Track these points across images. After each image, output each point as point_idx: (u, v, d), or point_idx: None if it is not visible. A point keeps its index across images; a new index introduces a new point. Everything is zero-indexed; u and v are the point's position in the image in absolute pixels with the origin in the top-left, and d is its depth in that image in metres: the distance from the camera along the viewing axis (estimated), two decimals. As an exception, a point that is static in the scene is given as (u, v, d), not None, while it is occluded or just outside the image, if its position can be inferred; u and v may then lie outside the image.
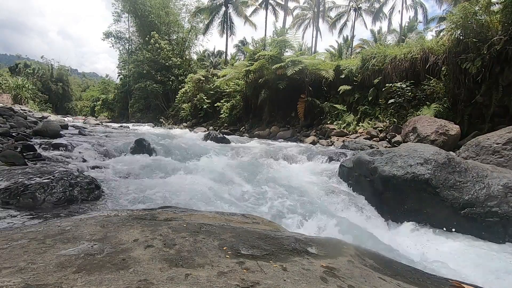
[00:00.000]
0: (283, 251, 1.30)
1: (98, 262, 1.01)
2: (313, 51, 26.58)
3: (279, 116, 14.73)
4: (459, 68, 7.98)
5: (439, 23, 23.42)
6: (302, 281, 0.99)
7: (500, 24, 7.33)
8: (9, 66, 42.68)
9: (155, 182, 3.33)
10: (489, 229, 2.65)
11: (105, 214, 1.75)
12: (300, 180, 4.16)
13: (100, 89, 45.66)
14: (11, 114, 9.25)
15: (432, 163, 3.09)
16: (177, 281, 0.91)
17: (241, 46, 33.85)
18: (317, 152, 6.07)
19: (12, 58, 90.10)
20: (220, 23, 27.53)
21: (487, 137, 4.58)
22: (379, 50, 11.61)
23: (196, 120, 20.53)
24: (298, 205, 3.11)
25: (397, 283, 1.15)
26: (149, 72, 26.02)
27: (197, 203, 2.81)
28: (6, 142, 4.50)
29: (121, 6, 29.45)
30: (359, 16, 29.92)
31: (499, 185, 2.79)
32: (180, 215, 1.83)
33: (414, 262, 2.01)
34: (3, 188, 2.24)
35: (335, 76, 12.53)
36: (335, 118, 12.11)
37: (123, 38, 32.11)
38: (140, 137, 5.60)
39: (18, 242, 1.19)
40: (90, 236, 1.28)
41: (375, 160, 3.55)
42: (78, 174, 2.74)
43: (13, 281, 0.84)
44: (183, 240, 1.29)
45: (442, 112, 8.32)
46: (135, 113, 29.10)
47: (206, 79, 20.96)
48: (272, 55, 13.75)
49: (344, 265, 1.22)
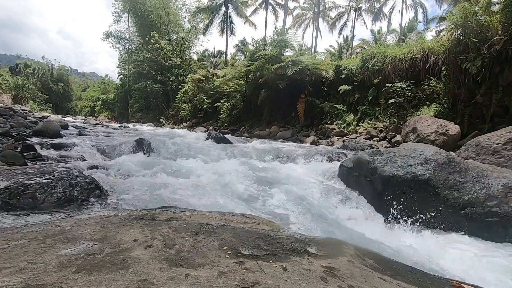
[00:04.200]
0: (283, 251, 1.30)
1: (98, 262, 1.01)
2: (313, 51, 26.57)
3: (279, 116, 14.72)
4: (459, 68, 7.98)
5: (439, 23, 23.44)
6: (302, 281, 0.99)
7: (500, 24, 7.33)
8: (9, 66, 42.73)
9: (155, 182, 3.33)
10: (489, 229, 2.65)
11: (105, 214, 1.75)
12: (300, 180, 4.16)
13: (100, 89, 45.71)
14: (11, 114, 9.26)
15: (432, 163, 3.09)
16: (177, 281, 0.91)
17: (241, 46, 33.86)
18: (317, 152, 6.07)
19: (12, 58, 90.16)
20: (220, 23, 27.54)
21: (487, 137, 4.58)
22: (379, 50, 11.60)
23: (196, 120, 20.53)
24: (298, 205, 3.11)
25: (397, 283, 1.15)
26: (149, 72, 26.04)
27: (197, 203, 2.81)
28: (6, 142, 4.50)
29: (121, 6, 29.48)
30: (359, 16, 29.93)
31: (499, 185, 2.79)
32: (180, 215, 1.83)
33: (414, 262, 2.01)
34: (3, 188, 2.24)
35: (335, 76, 12.53)
36: (335, 118, 12.10)
37: (123, 38, 32.14)
38: (140, 137, 5.60)
39: (18, 242, 1.19)
40: (90, 236, 1.28)
41: (375, 160, 3.55)
42: (78, 174, 2.74)
43: (13, 281, 0.84)
44: (183, 240, 1.29)
45: (442, 112, 8.32)
46: (135, 113, 29.12)
47: (206, 79, 20.97)
48: (272, 55, 13.75)
49: (344, 265, 1.22)
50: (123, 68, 34.55)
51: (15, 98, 22.67)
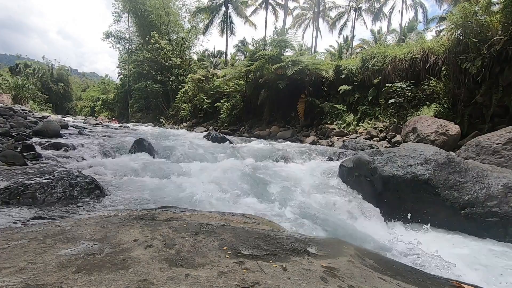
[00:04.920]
0: (283, 251, 1.30)
1: (98, 262, 1.01)
2: (313, 51, 26.58)
3: (279, 116, 14.73)
4: (459, 68, 7.98)
5: (439, 23, 23.44)
6: (302, 281, 0.99)
7: (500, 24, 7.33)
8: (9, 66, 42.76)
9: (155, 182, 3.33)
10: (489, 229, 2.64)
11: (105, 214, 1.75)
12: (299, 180, 4.16)
13: (100, 89, 45.76)
14: (11, 114, 9.26)
15: (432, 163, 3.09)
16: (177, 281, 0.91)
17: (241, 46, 33.86)
18: (317, 152, 6.07)
19: (12, 58, 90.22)
20: (220, 23, 27.54)
21: (487, 137, 4.58)
22: (379, 50, 11.61)
23: (196, 120, 20.54)
24: (298, 205, 3.11)
25: (397, 283, 1.15)
26: (149, 72, 26.05)
27: (197, 203, 2.81)
28: (6, 142, 4.50)
29: (121, 6, 29.51)
30: (359, 16, 29.94)
31: (499, 185, 2.79)
32: (180, 215, 1.83)
33: (414, 262, 2.01)
34: (3, 188, 2.24)
35: (335, 76, 12.54)
36: (335, 118, 12.11)
37: (123, 38, 32.17)
38: (140, 137, 5.60)
39: (18, 242, 1.19)
40: (90, 236, 1.28)
41: (375, 160, 3.54)
42: (78, 174, 2.74)
43: (13, 281, 0.84)
44: (183, 240, 1.29)
45: (442, 112, 8.32)
46: (135, 113, 29.14)
47: (206, 79, 20.97)
48: (272, 55, 13.75)
49: (344, 265, 1.22)
50: (123, 68, 34.56)
51: (15, 98, 22.68)
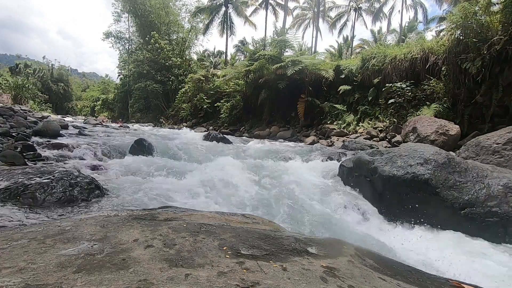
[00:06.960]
0: (283, 251, 1.30)
1: (98, 262, 1.01)
2: (313, 51, 26.58)
3: (279, 116, 14.72)
4: (459, 68, 7.98)
5: (439, 23, 23.45)
6: (302, 281, 0.99)
7: (500, 24, 7.33)
8: (9, 66, 42.76)
9: (155, 182, 3.33)
10: (489, 229, 2.64)
11: (105, 214, 1.75)
12: (299, 180, 4.16)
13: (100, 89, 45.77)
14: (11, 114, 9.25)
15: (432, 163, 3.09)
16: (177, 281, 0.91)
17: (241, 46, 33.88)
18: (317, 152, 6.07)
19: (12, 58, 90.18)
20: (220, 23, 27.55)
21: (487, 137, 4.58)
22: (379, 50, 11.61)
23: (196, 120, 20.53)
24: (298, 205, 3.11)
25: (397, 283, 1.15)
26: (149, 72, 26.03)
27: (197, 203, 2.81)
28: (6, 142, 4.49)
29: (121, 6, 29.51)
30: (359, 16, 29.96)
31: (499, 185, 2.79)
32: (180, 215, 1.83)
33: (414, 262, 2.01)
34: (3, 188, 2.24)
35: (335, 76, 12.53)
36: (335, 118, 12.10)
37: (123, 38, 32.17)
38: (140, 137, 5.60)
39: (18, 242, 1.19)
40: (90, 236, 1.28)
41: (375, 160, 3.55)
42: (78, 174, 2.74)
43: (13, 281, 0.84)
44: (183, 240, 1.29)
45: (442, 112, 8.32)
46: (135, 113, 29.12)
47: (206, 79, 20.97)
48: (272, 55, 13.75)
49: (344, 265, 1.22)
50: (123, 68, 34.55)
51: (15, 98, 22.65)
